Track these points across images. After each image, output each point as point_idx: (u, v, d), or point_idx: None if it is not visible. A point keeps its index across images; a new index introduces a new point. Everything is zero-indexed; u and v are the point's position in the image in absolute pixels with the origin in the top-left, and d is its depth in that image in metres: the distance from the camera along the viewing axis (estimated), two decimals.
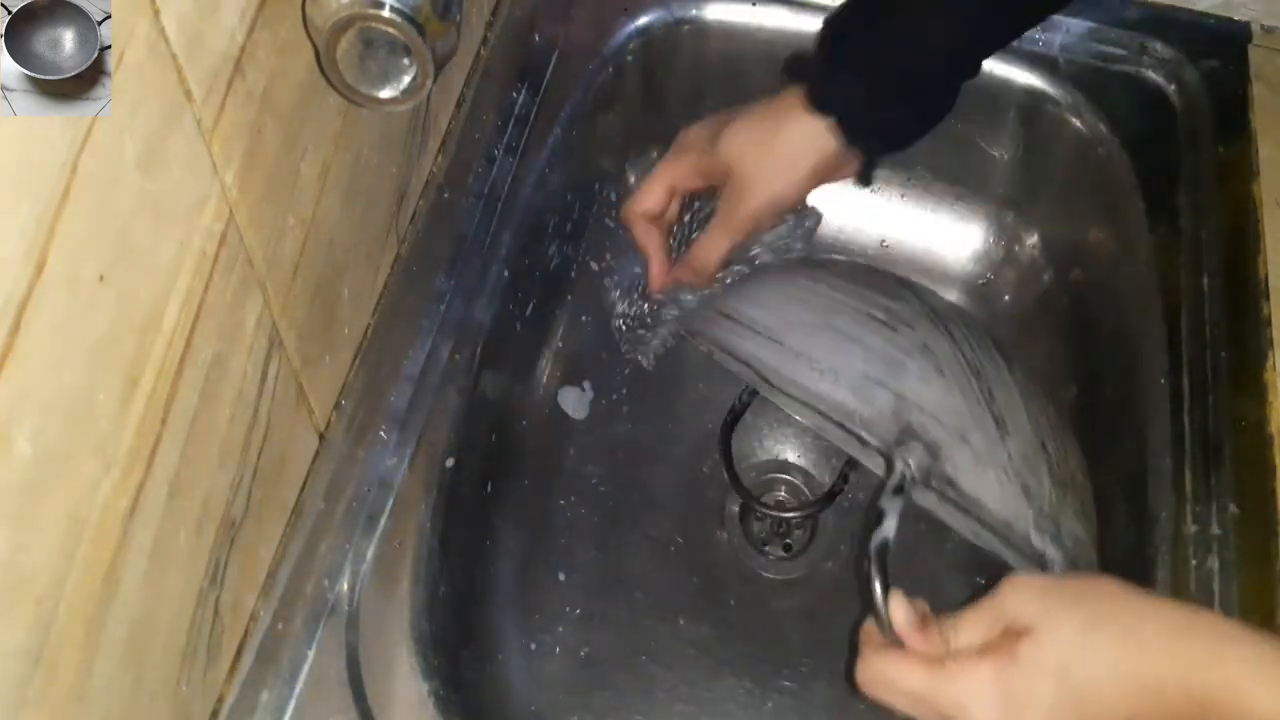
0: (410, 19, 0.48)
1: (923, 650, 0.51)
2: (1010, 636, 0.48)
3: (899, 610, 0.52)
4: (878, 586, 0.53)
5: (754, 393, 0.79)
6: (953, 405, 0.63)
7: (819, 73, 0.67)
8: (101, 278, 0.40)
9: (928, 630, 0.51)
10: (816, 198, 0.73)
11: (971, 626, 0.50)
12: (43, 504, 0.39)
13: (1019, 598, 0.49)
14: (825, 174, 0.69)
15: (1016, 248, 0.94)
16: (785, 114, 0.67)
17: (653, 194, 0.72)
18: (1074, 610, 0.47)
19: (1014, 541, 0.63)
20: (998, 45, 0.70)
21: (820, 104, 0.66)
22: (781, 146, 0.68)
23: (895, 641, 0.52)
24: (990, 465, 0.63)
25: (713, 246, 0.72)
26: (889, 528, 0.56)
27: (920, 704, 0.50)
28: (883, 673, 0.51)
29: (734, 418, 0.81)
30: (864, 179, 0.71)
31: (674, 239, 0.77)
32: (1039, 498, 0.64)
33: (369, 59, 0.50)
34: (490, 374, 0.75)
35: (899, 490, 0.58)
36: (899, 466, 0.60)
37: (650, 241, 0.74)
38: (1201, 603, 0.63)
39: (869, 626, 0.53)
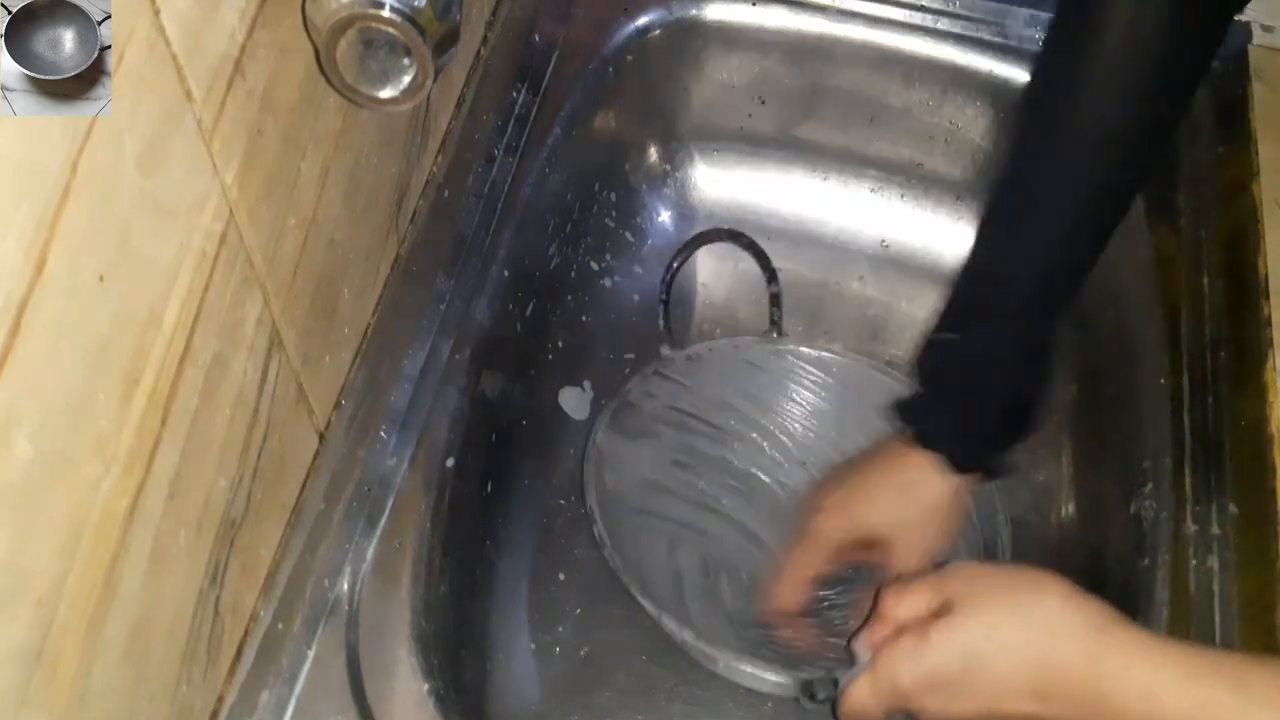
0: (410, 19, 0.48)
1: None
2: (933, 615, 0.52)
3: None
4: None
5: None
6: None
7: (922, 418, 0.68)
8: (101, 278, 0.40)
9: (872, 627, 0.56)
10: None
11: (913, 599, 0.54)
12: (43, 504, 0.39)
13: (955, 579, 0.53)
14: (962, 512, 0.70)
15: None
16: (922, 479, 0.67)
17: (797, 592, 0.71)
18: (996, 596, 0.52)
19: None
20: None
21: (930, 443, 0.67)
22: (930, 515, 0.68)
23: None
24: None
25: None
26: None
27: (880, 701, 0.55)
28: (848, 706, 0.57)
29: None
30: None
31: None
32: None
33: (369, 59, 0.50)
34: (490, 374, 0.75)
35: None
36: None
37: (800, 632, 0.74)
38: (1201, 603, 0.63)
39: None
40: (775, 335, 0.85)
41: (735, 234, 0.90)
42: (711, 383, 0.84)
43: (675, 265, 0.87)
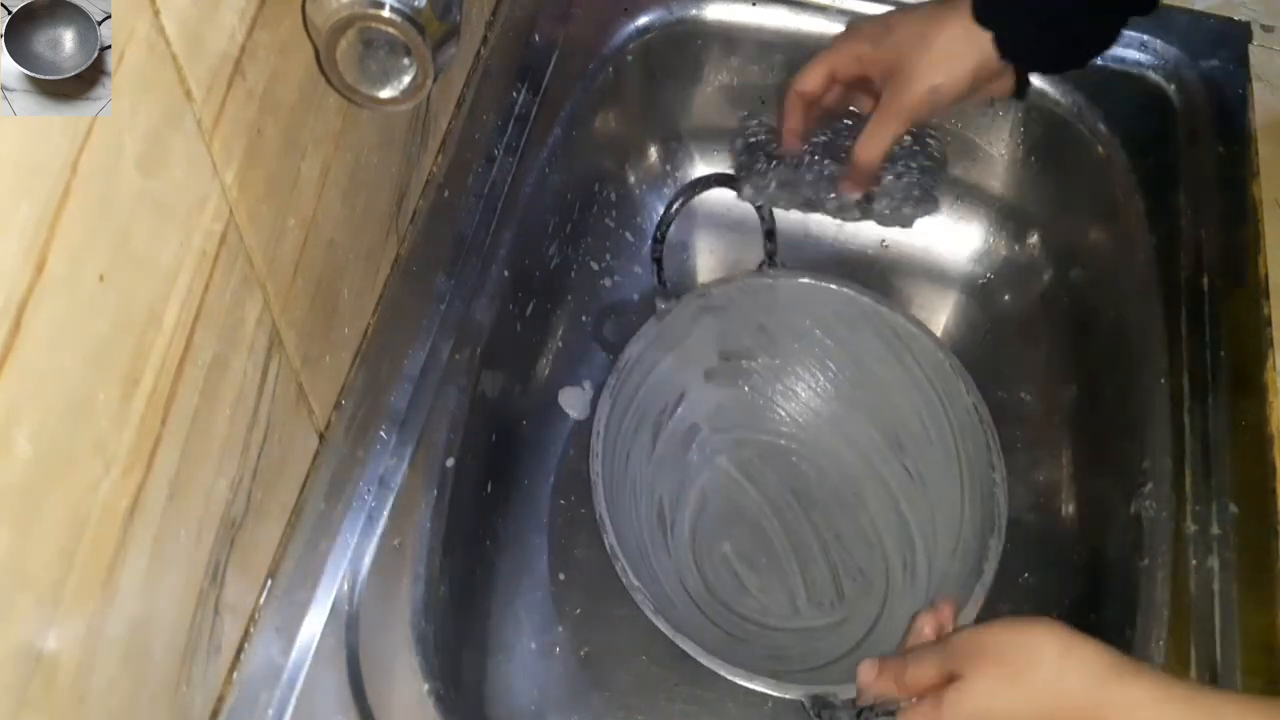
0: (410, 19, 0.48)
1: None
2: (945, 682, 0.54)
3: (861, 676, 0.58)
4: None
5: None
6: None
7: None
8: (101, 278, 0.40)
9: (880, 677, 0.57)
10: None
11: (921, 666, 0.55)
12: (43, 504, 0.39)
13: (961, 645, 0.54)
14: (982, 79, 0.70)
15: (1016, 248, 0.94)
16: (950, 17, 0.68)
17: (814, 75, 0.74)
18: (1001, 659, 0.53)
19: None
20: None
21: (983, 18, 0.67)
22: (944, 43, 0.68)
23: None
24: None
25: (874, 140, 0.73)
26: None
27: None
28: None
29: None
30: (1018, 94, 0.72)
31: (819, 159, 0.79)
32: None
33: (369, 59, 0.50)
34: (490, 374, 0.75)
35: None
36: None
37: (794, 113, 0.76)
38: (1201, 603, 0.63)
39: None
40: (769, 267, 0.84)
41: (729, 178, 0.89)
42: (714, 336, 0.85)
43: (673, 209, 0.84)
